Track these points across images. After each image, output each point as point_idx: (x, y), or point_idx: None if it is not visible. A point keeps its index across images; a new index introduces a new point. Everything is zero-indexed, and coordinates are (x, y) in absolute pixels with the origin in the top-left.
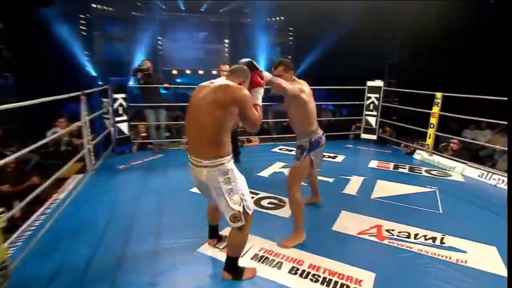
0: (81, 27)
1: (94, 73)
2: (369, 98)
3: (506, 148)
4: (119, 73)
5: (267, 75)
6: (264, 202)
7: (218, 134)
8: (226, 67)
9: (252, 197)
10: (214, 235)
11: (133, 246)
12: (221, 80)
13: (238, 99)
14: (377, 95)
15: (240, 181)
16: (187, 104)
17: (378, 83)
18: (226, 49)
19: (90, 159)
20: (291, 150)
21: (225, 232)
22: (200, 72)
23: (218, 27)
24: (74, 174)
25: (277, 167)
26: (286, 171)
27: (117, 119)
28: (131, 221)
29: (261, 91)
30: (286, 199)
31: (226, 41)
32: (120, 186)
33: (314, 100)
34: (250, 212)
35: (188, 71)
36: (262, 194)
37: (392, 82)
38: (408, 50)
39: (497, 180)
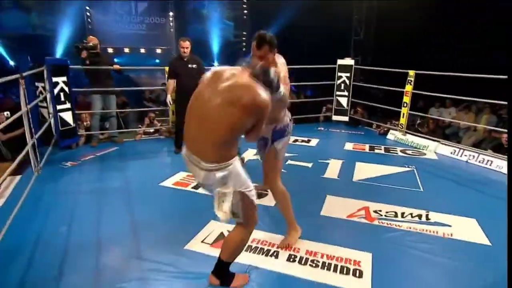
0: None
1: (3, 52)
2: (340, 77)
3: (470, 124)
4: (38, 51)
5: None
6: None
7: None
8: (187, 44)
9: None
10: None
11: (107, 255)
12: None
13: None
14: (347, 74)
15: (242, 178)
16: (135, 88)
17: (349, 61)
18: (171, 24)
19: (36, 157)
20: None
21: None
22: (142, 50)
23: None
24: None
25: (250, 154)
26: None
27: (59, 107)
28: (97, 226)
29: None
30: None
31: (171, 14)
32: (73, 188)
33: None
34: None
35: (126, 50)
36: None
37: (358, 60)
38: (373, 26)
39: (468, 156)
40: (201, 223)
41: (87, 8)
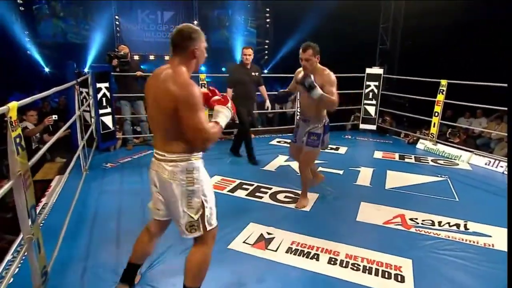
0: (19, 1)
1: (40, 59)
2: (368, 86)
3: (501, 135)
4: (73, 58)
5: (316, 93)
6: (281, 196)
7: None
8: (250, 51)
9: (266, 192)
10: (129, 278)
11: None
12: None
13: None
14: (376, 83)
15: (207, 185)
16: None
17: (378, 70)
18: None
19: (85, 158)
20: (289, 143)
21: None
22: (166, 57)
23: (186, 6)
24: (55, 175)
25: (281, 160)
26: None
27: (101, 111)
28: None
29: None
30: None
31: (196, 22)
32: (115, 187)
33: None
34: (209, 228)
35: (152, 57)
36: (275, 189)
37: (384, 69)
38: (400, 35)
39: (505, 167)
40: (240, 225)
41: (116, 17)
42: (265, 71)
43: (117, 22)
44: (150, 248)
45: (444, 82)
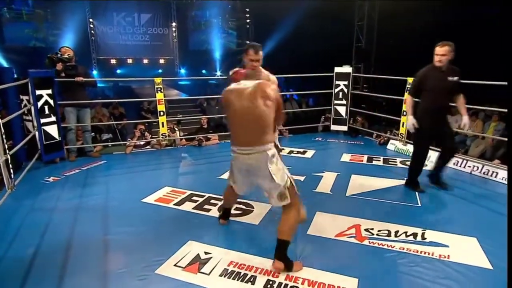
0: None
1: (5, 64)
2: (337, 85)
3: (477, 134)
4: (41, 64)
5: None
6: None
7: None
8: (445, 49)
9: (216, 204)
10: (227, 215)
11: (69, 281)
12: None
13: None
14: (345, 82)
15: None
16: (132, 99)
17: (347, 69)
18: (175, 34)
19: (8, 173)
20: None
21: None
22: (145, 61)
23: (164, 7)
24: None
25: None
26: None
27: (43, 120)
28: (67, 247)
29: None
30: (254, 203)
31: (174, 24)
32: (50, 204)
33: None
34: (296, 189)
35: (129, 60)
36: None
37: (360, 68)
38: (376, 32)
39: (472, 167)
40: (177, 243)
41: (91, 20)
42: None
43: (91, 25)
44: (235, 198)
45: (410, 79)
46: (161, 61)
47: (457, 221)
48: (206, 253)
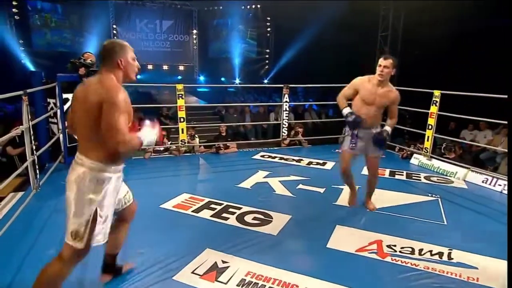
0: (13, 10)
1: (32, 68)
2: None
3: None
4: (65, 68)
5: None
6: (248, 218)
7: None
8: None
9: (234, 212)
10: (109, 268)
11: (92, 281)
12: None
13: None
14: None
15: (107, 202)
16: (151, 105)
17: None
18: (195, 41)
19: (34, 173)
20: (274, 157)
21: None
22: (165, 67)
23: (185, 15)
24: (11, 192)
25: (260, 176)
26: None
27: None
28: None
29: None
30: (273, 213)
31: (195, 31)
32: None
33: None
34: (90, 243)
35: (150, 66)
36: (245, 209)
37: None
38: (400, 42)
39: (503, 186)
40: (195, 251)
41: (114, 26)
42: (265, 81)
43: (114, 32)
44: (119, 238)
45: (437, 93)
46: (181, 67)
47: (486, 242)
48: (223, 262)
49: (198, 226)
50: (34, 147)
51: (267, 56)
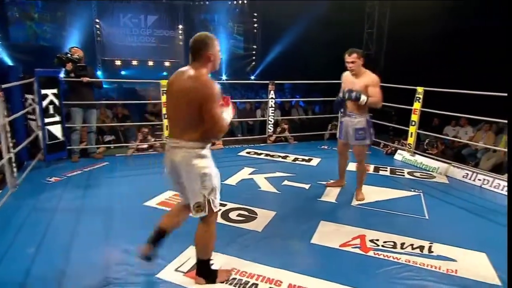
0: None
1: (10, 62)
2: None
3: (489, 146)
4: (47, 63)
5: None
6: (233, 215)
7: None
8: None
9: (219, 209)
10: (155, 241)
11: (74, 279)
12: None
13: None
14: None
15: (214, 173)
16: (136, 101)
17: None
18: (181, 37)
19: (11, 172)
20: (260, 154)
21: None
22: (150, 63)
23: (170, 9)
24: None
25: (246, 173)
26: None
27: (47, 120)
28: (69, 249)
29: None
30: (257, 210)
31: (181, 27)
32: (51, 205)
33: None
34: (215, 209)
35: (135, 62)
36: (230, 205)
37: None
38: (386, 40)
39: (482, 180)
40: (179, 248)
41: (97, 20)
42: (252, 77)
43: (97, 26)
44: (176, 219)
45: (420, 89)
46: (167, 63)
47: (466, 235)
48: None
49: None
50: (11, 145)
51: (254, 52)
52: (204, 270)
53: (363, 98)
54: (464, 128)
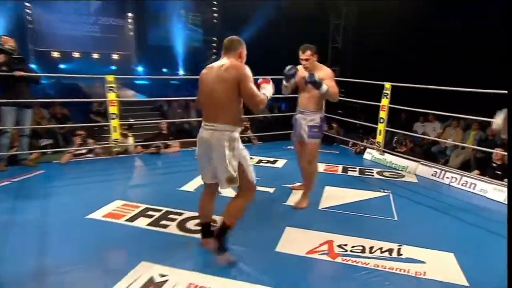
0: None
1: None
2: None
3: (457, 143)
4: None
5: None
6: (191, 224)
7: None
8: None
9: (175, 219)
10: (207, 233)
11: None
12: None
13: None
14: None
15: (244, 152)
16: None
17: None
18: (131, 26)
19: None
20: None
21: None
22: (95, 55)
23: None
24: None
25: None
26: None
27: None
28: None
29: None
30: (218, 218)
31: (130, 15)
32: None
33: None
34: (252, 181)
35: (76, 54)
36: (187, 214)
37: (336, 70)
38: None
39: (451, 178)
40: (128, 265)
41: (27, 4)
42: None
43: (28, 11)
44: (209, 207)
45: (388, 85)
46: (115, 56)
47: (434, 235)
48: (161, 275)
49: (133, 237)
50: None
51: (214, 44)
52: (221, 234)
53: (325, 86)
54: (432, 124)
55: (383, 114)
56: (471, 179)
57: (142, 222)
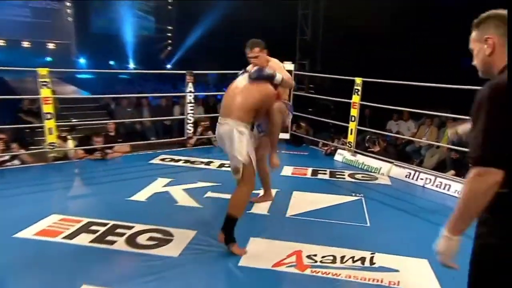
0: None
1: None
2: None
3: (432, 142)
4: None
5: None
6: (142, 239)
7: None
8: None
9: (123, 233)
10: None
11: None
12: None
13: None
14: None
15: (251, 145)
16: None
17: (288, 65)
18: (69, 11)
19: None
20: (178, 160)
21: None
22: (25, 44)
23: None
24: None
25: (159, 185)
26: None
27: None
28: None
29: None
30: (173, 230)
31: None
32: None
33: None
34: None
35: (1, 42)
36: (138, 227)
37: (305, 64)
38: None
39: (425, 180)
40: None
41: None
42: (168, 66)
43: None
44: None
45: (359, 80)
46: (51, 45)
47: (408, 241)
48: None
49: (72, 257)
50: None
51: (169, 34)
52: (228, 226)
53: (279, 75)
54: (406, 123)
55: (354, 111)
56: (446, 180)
57: (83, 239)
